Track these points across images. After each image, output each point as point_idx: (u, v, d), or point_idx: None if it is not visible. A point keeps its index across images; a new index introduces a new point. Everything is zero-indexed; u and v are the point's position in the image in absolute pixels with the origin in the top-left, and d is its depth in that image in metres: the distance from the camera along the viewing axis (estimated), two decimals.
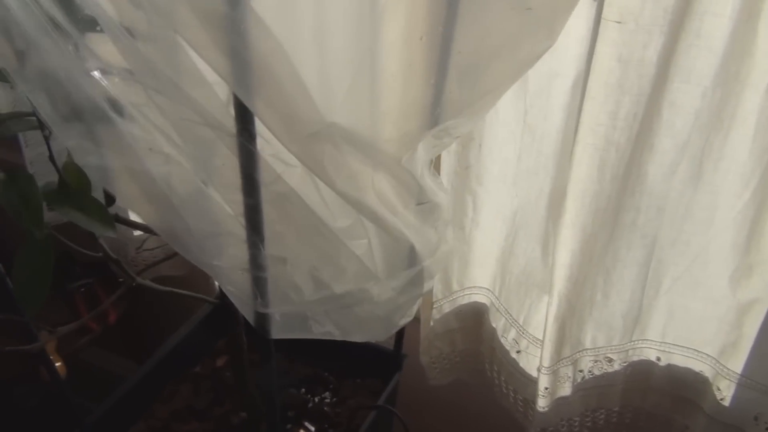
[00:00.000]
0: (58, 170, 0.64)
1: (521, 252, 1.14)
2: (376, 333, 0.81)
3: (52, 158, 0.63)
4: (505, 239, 1.15)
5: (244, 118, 0.54)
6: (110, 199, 0.74)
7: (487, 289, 1.23)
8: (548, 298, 1.08)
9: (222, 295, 0.83)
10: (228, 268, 0.62)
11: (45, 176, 0.68)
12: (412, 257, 0.78)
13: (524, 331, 1.18)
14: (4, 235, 1.09)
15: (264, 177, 0.57)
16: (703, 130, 0.92)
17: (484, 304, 1.25)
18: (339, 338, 0.74)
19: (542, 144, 1.04)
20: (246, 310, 0.66)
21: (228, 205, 0.60)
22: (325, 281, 0.67)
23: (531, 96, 1.01)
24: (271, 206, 0.60)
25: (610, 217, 0.99)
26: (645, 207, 0.98)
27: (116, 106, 0.53)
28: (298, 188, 0.60)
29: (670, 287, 1.08)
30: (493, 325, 1.23)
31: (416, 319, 1.26)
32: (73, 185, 0.64)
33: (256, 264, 0.61)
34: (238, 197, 0.58)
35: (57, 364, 1.34)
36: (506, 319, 1.20)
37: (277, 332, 0.68)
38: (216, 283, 1.26)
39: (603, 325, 1.10)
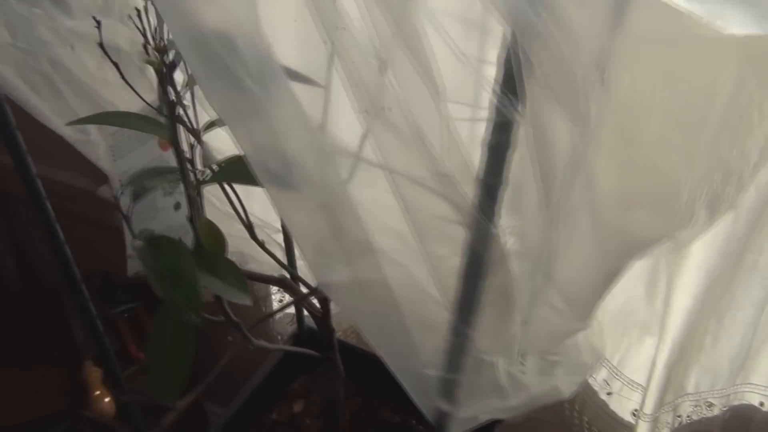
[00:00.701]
0: (195, 230, 0.55)
1: (619, 288, 1.06)
2: None
3: (192, 218, 0.54)
4: None
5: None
6: None
7: None
8: (657, 342, 1.01)
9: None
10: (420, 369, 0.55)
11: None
12: None
13: (619, 373, 1.10)
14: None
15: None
16: None
17: None
18: None
19: None
20: (424, 403, 0.58)
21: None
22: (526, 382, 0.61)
23: None
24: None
25: (735, 260, 0.92)
26: None
27: None
28: None
29: None
30: None
31: None
32: (209, 246, 0.55)
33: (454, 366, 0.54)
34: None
35: (105, 400, 1.24)
36: None
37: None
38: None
39: (708, 370, 1.03)
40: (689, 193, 0.60)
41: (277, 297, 1.31)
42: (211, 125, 0.53)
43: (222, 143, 0.67)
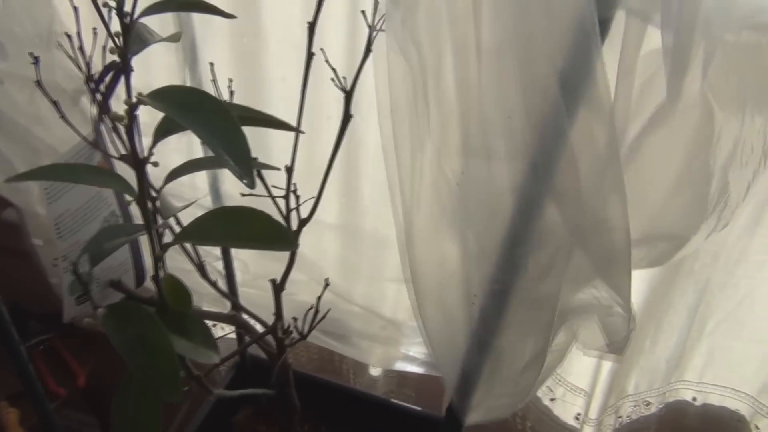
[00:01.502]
0: (160, 290, 0.50)
1: None
2: None
3: (156, 276, 0.49)
4: None
5: None
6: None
7: None
8: None
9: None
10: None
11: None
12: None
13: (561, 379, 1.12)
14: None
15: None
16: None
17: None
18: None
19: None
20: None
21: None
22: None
23: None
24: None
25: (674, 267, 0.95)
26: (703, 254, 0.95)
27: None
28: None
29: (714, 329, 1.05)
30: None
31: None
32: (173, 304, 0.51)
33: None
34: None
35: None
36: None
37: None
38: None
39: (647, 371, 1.07)
40: None
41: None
42: (173, 175, 0.49)
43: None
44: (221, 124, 0.36)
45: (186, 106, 0.36)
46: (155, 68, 0.94)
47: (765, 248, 0.95)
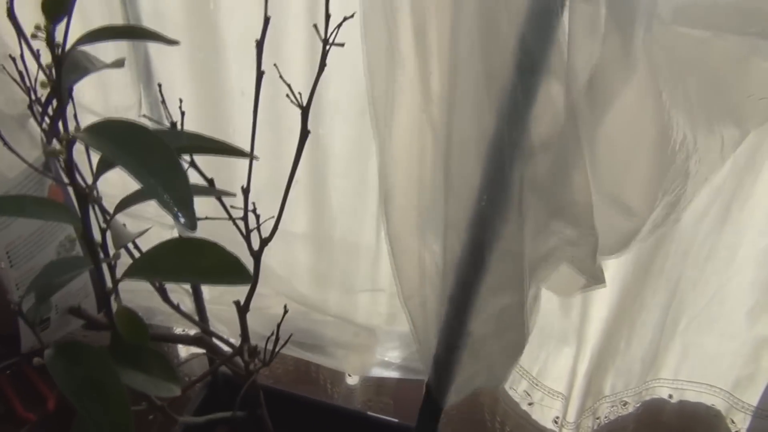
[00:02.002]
0: (113, 325, 0.48)
1: None
2: None
3: (108, 311, 0.47)
4: None
5: None
6: None
7: None
8: (575, 352, 1.02)
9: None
10: None
11: None
12: None
13: (538, 383, 1.11)
14: None
15: None
16: (737, 174, 0.89)
17: None
18: None
19: None
20: None
21: None
22: None
23: None
24: None
25: (644, 267, 0.95)
26: (673, 252, 0.95)
27: None
28: None
29: (687, 326, 1.05)
30: None
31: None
32: (129, 337, 0.49)
33: None
34: None
35: None
36: (515, 370, 1.13)
37: None
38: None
39: (623, 372, 1.07)
40: None
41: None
42: (124, 204, 0.47)
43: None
44: (161, 165, 0.34)
45: (124, 144, 0.34)
46: (111, 85, 0.91)
47: (733, 244, 0.96)
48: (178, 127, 0.57)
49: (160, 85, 0.59)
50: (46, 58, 0.43)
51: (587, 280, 0.74)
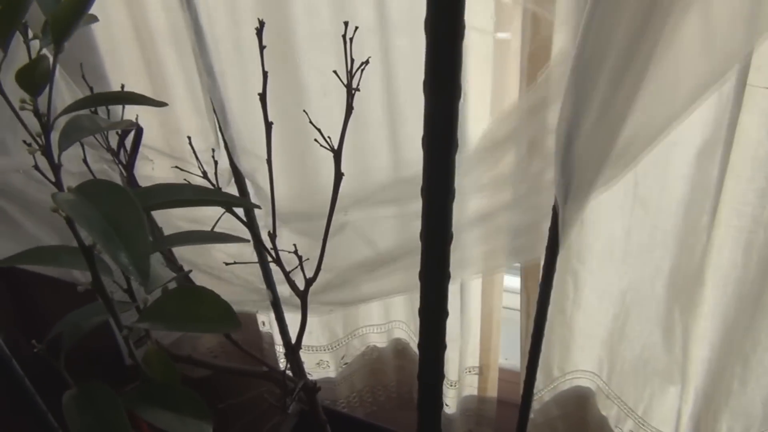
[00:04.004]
0: (137, 362, 0.51)
1: (635, 335, 1.00)
2: None
3: (131, 352, 0.50)
4: (614, 320, 1.02)
5: None
6: None
7: (593, 373, 1.09)
8: (680, 392, 0.94)
9: None
10: None
11: None
12: None
13: (645, 423, 1.04)
14: None
15: None
16: None
17: (588, 389, 1.11)
18: None
19: (658, 219, 0.90)
20: None
21: None
22: None
23: (643, 165, 0.87)
24: None
25: (752, 302, 0.85)
26: None
27: None
28: None
29: None
30: (603, 413, 1.09)
31: (513, 405, 1.13)
32: (159, 378, 0.51)
33: None
34: None
35: None
36: (619, 407, 1.06)
37: None
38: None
39: (740, 414, 0.96)
40: None
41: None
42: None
43: None
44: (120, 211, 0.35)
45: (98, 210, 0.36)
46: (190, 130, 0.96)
47: None
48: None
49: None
50: None
51: None
